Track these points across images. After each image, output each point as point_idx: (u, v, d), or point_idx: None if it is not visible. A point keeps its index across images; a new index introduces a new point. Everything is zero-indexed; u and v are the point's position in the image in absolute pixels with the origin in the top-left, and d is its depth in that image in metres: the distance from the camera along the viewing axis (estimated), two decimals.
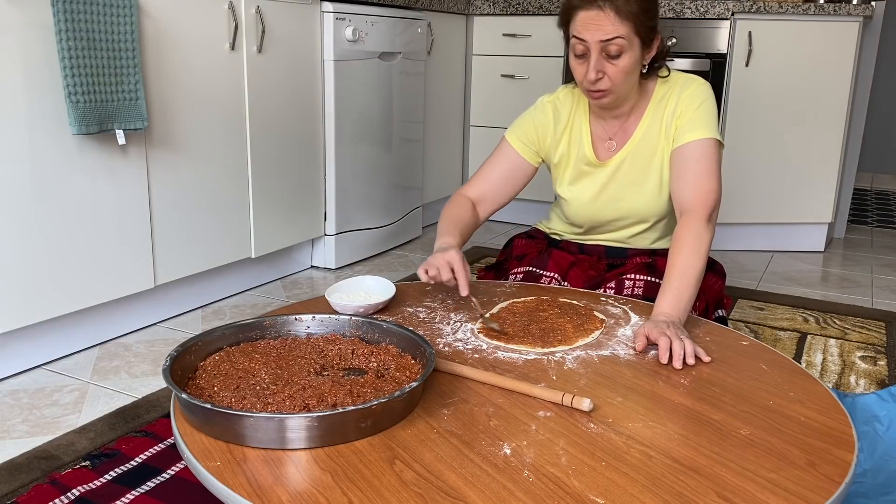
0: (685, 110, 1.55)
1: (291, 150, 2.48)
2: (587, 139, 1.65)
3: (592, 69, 1.46)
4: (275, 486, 0.83)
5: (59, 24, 1.66)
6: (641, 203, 1.65)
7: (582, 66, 1.48)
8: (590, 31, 1.44)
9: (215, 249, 2.24)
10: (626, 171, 1.63)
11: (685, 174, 1.51)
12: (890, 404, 1.49)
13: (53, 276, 1.79)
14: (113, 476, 1.37)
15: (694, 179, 1.49)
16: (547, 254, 1.71)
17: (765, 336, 2.16)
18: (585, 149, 1.65)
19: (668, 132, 1.58)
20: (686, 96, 1.55)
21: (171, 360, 1.01)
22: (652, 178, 1.62)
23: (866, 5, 2.91)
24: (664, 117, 1.58)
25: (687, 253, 1.40)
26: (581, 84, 1.51)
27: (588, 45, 1.45)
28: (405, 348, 1.12)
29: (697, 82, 1.58)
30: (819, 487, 0.85)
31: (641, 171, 1.63)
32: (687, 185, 1.50)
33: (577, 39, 1.46)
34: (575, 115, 1.67)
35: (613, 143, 1.64)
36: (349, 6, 2.57)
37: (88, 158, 1.83)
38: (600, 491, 0.83)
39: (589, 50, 1.46)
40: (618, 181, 1.64)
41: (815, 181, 3.07)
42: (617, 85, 1.49)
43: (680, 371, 1.14)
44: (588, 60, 1.47)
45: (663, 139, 1.59)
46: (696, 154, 1.51)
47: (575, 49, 1.48)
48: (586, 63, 1.47)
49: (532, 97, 3.52)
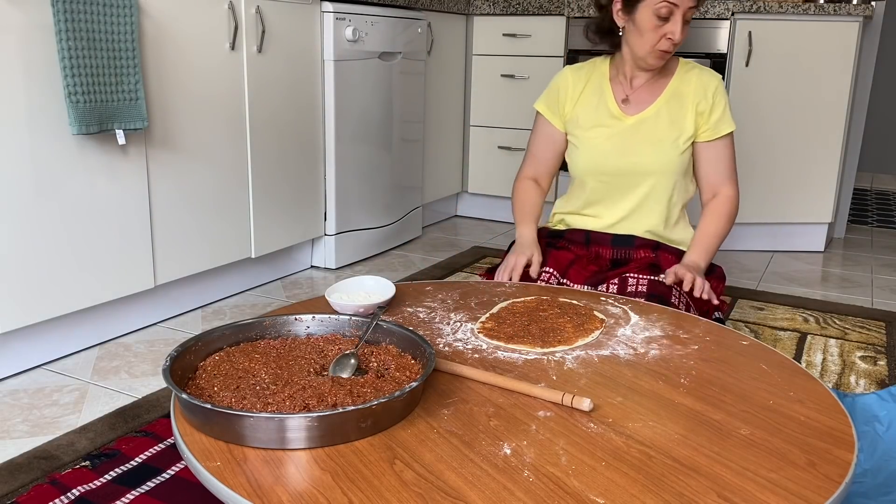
0: (717, 103, 1.74)
1: (291, 150, 2.48)
2: (609, 97, 1.79)
3: (680, 31, 1.63)
4: (275, 486, 0.83)
5: (59, 24, 1.66)
6: (655, 158, 1.74)
7: (660, 28, 1.64)
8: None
9: (215, 249, 2.24)
10: (649, 128, 1.75)
11: (722, 163, 1.77)
12: (890, 404, 1.49)
13: (53, 276, 1.79)
14: (113, 476, 1.37)
15: (728, 167, 1.78)
16: (546, 253, 1.72)
17: (765, 336, 2.16)
18: (610, 105, 1.78)
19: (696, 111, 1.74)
20: (719, 90, 1.75)
21: (171, 360, 1.01)
22: (671, 135, 1.74)
23: (866, 5, 2.91)
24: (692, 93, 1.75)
25: (721, 219, 1.74)
26: (654, 46, 1.66)
27: (676, 8, 1.62)
28: (405, 348, 1.12)
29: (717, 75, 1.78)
30: (819, 487, 0.85)
31: (665, 128, 1.75)
32: (722, 171, 1.77)
33: (668, 3, 1.61)
34: (593, 76, 1.83)
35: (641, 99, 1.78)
36: (349, 6, 2.57)
37: (88, 158, 1.83)
38: (600, 491, 0.83)
39: (674, 13, 1.62)
40: (637, 137, 1.76)
41: (815, 181, 3.07)
42: (677, 47, 1.68)
43: (680, 371, 1.14)
44: (669, 23, 1.63)
45: (690, 112, 1.75)
46: (729, 147, 1.78)
47: (660, 11, 1.62)
48: (668, 24, 1.63)
49: (532, 97, 3.53)
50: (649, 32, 1.65)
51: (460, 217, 3.74)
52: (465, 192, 3.69)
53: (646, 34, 1.66)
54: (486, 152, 3.55)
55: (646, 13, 1.64)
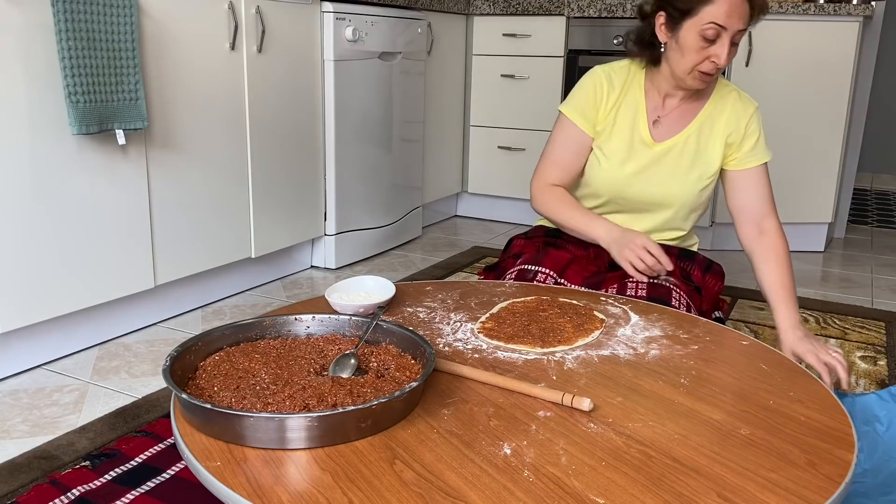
0: (750, 133, 1.68)
1: (291, 150, 2.48)
2: (643, 116, 1.69)
3: (725, 55, 1.52)
4: (275, 486, 0.83)
5: (59, 24, 1.66)
6: (674, 192, 1.70)
7: (704, 50, 1.53)
8: (734, 20, 1.50)
9: (215, 249, 2.24)
10: (673, 159, 1.69)
11: (758, 193, 1.69)
12: (890, 404, 1.49)
13: (53, 275, 1.79)
14: (113, 476, 1.37)
15: (766, 197, 1.69)
16: (543, 252, 1.71)
17: (765, 336, 2.16)
18: (640, 127, 1.69)
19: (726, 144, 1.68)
20: (753, 119, 1.68)
21: (171, 360, 1.01)
22: (696, 170, 1.69)
23: (866, 5, 2.91)
24: (724, 122, 1.67)
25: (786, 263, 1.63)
26: (696, 65, 1.56)
27: (724, 31, 1.51)
28: (405, 348, 1.11)
29: (754, 103, 1.71)
30: (819, 487, 0.85)
31: (689, 161, 1.69)
32: (760, 202, 1.69)
33: (716, 25, 1.50)
34: (630, 87, 1.71)
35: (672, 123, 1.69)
36: (349, 6, 2.57)
37: (88, 158, 1.83)
38: (600, 491, 0.83)
39: (721, 35, 1.51)
40: (660, 167, 1.69)
41: (815, 181, 3.07)
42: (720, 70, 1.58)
43: (680, 371, 1.14)
44: (715, 45, 1.52)
45: (719, 143, 1.68)
46: (764, 176, 1.69)
47: (706, 33, 1.51)
48: (714, 47, 1.52)
49: (532, 97, 3.53)
50: (692, 53, 1.54)
51: (460, 217, 3.74)
52: (465, 192, 3.69)
53: (688, 54, 1.55)
54: (486, 152, 3.55)
55: (691, 33, 1.53)
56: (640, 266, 1.55)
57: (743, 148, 1.68)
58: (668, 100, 1.69)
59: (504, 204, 3.63)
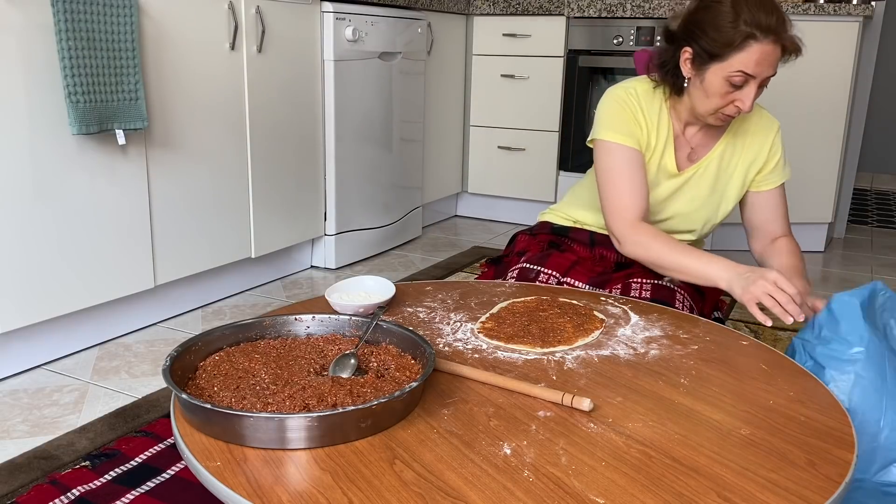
0: (773, 155, 1.65)
1: (291, 150, 2.48)
2: (671, 146, 1.62)
3: (751, 102, 1.45)
4: (275, 486, 0.83)
5: (59, 24, 1.66)
6: (695, 216, 1.68)
7: (729, 94, 1.46)
8: (763, 67, 1.43)
9: (215, 249, 2.24)
10: (692, 188, 1.66)
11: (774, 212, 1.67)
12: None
13: (53, 276, 1.79)
14: (113, 476, 1.37)
15: (783, 216, 1.68)
16: (547, 254, 1.70)
17: (765, 336, 2.16)
18: (668, 158, 1.62)
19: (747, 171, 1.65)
20: (776, 141, 1.65)
21: (171, 360, 1.01)
22: (715, 195, 1.66)
23: (866, 5, 2.91)
24: (747, 146, 1.64)
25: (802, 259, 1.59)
26: (717, 107, 1.49)
27: (752, 79, 1.44)
28: (405, 348, 1.11)
29: (777, 123, 1.67)
30: (819, 487, 0.85)
31: (709, 186, 1.65)
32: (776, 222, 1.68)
33: (744, 74, 1.43)
34: (660, 113, 1.61)
35: (694, 152, 1.64)
36: (349, 6, 2.57)
37: (88, 158, 1.83)
38: (600, 491, 0.83)
39: (747, 83, 1.44)
40: (683, 191, 1.66)
41: (815, 181, 3.07)
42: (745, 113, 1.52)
43: (680, 371, 1.14)
44: (741, 91, 1.45)
45: (740, 166, 1.64)
46: (782, 195, 1.69)
47: (733, 80, 1.44)
48: (739, 91, 1.45)
49: (532, 97, 3.53)
50: (716, 97, 1.47)
51: (460, 217, 3.74)
52: (465, 192, 3.69)
53: (712, 98, 1.48)
54: (486, 152, 3.55)
55: (717, 77, 1.45)
56: (769, 303, 1.33)
57: (765, 170, 1.65)
58: (689, 127, 1.64)
59: (504, 204, 3.63)
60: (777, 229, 1.67)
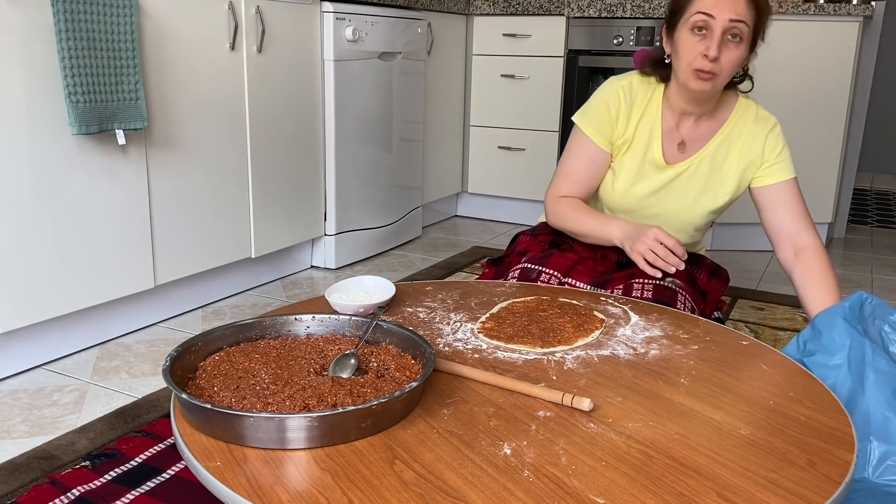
0: (770, 152, 1.63)
1: (291, 150, 2.48)
2: (657, 137, 1.65)
3: (715, 47, 1.46)
4: (275, 486, 0.83)
5: (59, 24, 1.66)
6: (683, 216, 1.67)
7: (699, 43, 1.49)
8: (722, 8, 1.45)
9: (215, 249, 2.24)
10: (685, 180, 1.65)
11: (792, 208, 1.62)
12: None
13: (53, 276, 1.79)
14: (113, 476, 1.37)
15: (799, 213, 1.61)
16: (548, 254, 1.70)
17: (765, 336, 2.16)
18: (654, 150, 1.64)
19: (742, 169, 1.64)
20: (770, 138, 1.64)
21: (171, 360, 1.01)
22: (707, 195, 1.66)
23: (866, 5, 2.91)
24: (741, 145, 1.64)
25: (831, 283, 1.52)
26: (690, 64, 1.51)
27: (714, 22, 1.46)
28: (405, 348, 1.12)
29: (774, 120, 1.66)
30: (819, 487, 0.85)
31: (700, 185, 1.65)
32: (796, 219, 1.61)
33: (704, 14, 1.47)
34: (649, 106, 1.65)
35: (685, 146, 1.65)
36: (349, 6, 2.57)
37: (88, 158, 1.83)
38: (600, 491, 0.83)
39: (711, 27, 1.47)
40: (672, 188, 1.65)
41: (815, 181, 3.07)
42: (724, 73, 1.51)
43: (680, 371, 1.14)
44: (707, 37, 1.48)
45: (735, 165, 1.64)
46: (793, 191, 1.63)
47: (695, 22, 1.48)
48: (705, 40, 1.48)
49: (532, 97, 3.53)
50: (687, 50, 1.50)
51: (460, 217, 3.74)
52: (465, 192, 3.69)
53: (683, 53, 1.51)
54: (486, 152, 3.55)
55: (684, 31, 1.51)
56: (650, 257, 1.48)
57: (766, 163, 1.64)
58: (684, 120, 1.65)
59: (504, 204, 3.63)
60: (793, 228, 1.61)
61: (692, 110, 1.62)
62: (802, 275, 1.56)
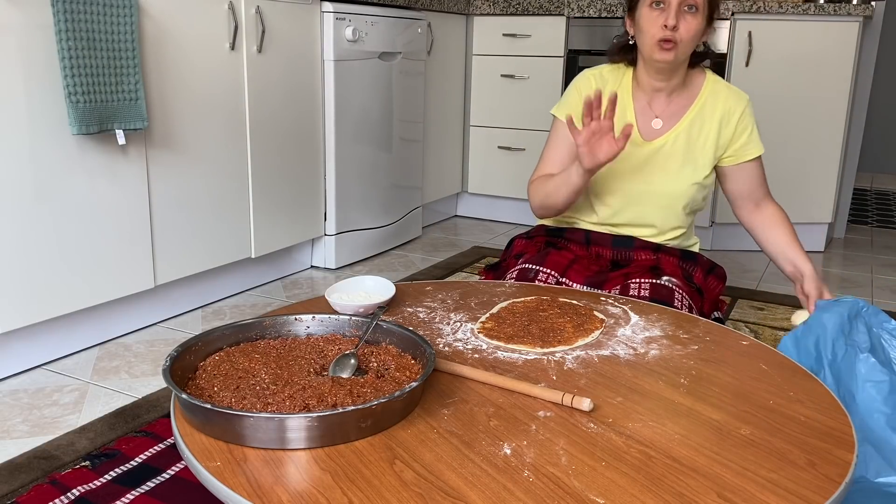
0: (742, 129, 1.72)
1: (291, 149, 2.48)
2: (631, 116, 1.73)
3: (672, 16, 1.58)
4: (275, 486, 0.83)
5: (59, 24, 1.66)
6: (665, 188, 1.72)
7: (659, 16, 1.60)
8: None
9: (215, 249, 2.24)
10: (663, 158, 1.72)
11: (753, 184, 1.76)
12: None
13: (53, 276, 1.79)
14: (113, 476, 1.37)
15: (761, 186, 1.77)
16: (545, 253, 1.71)
17: (765, 336, 2.16)
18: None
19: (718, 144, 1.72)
20: (745, 115, 1.72)
21: (171, 360, 1.01)
22: (688, 166, 1.71)
23: (866, 5, 2.91)
24: (716, 119, 1.72)
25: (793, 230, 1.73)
26: (653, 36, 1.61)
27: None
28: (405, 348, 1.12)
29: (746, 96, 1.75)
30: (819, 487, 0.85)
31: (680, 157, 1.71)
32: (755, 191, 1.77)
33: None
34: (620, 88, 1.75)
35: (660, 122, 1.73)
36: (349, 6, 2.57)
37: (88, 158, 1.83)
38: (600, 491, 0.83)
39: (667, 1, 1.59)
40: (651, 166, 1.72)
41: (815, 181, 3.07)
42: (685, 41, 1.62)
43: (680, 371, 1.14)
44: (666, 10, 1.59)
45: (712, 137, 1.72)
46: (759, 168, 1.76)
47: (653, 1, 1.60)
48: (663, 13, 1.59)
49: (532, 97, 3.53)
50: (648, 25, 1.62)
51: (460, 217, 3.74)
52: (465, 192, 3.69)
53: (645, 29, 1.63)
54: (486, 152, 3.55)
55: (644, 8, 1.63)
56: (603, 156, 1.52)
57: (737, 143, 1.72)
58: (656, 98, 1.73)
59: (504, 204, 3.63)
60: (757, 196, 1.77)
61: (661, 86, 1.71)
62: (765, 221, 1.75)
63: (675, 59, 1.63)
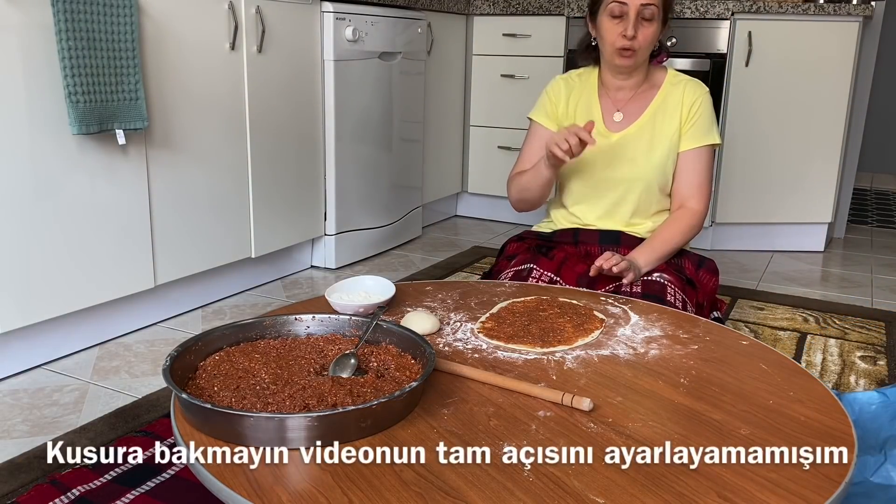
0: (696, 114, 1.78)
1: (291, 150, 2.48)
2: (597, 111, 1.83)
3: (632, 27, 1.68)
4: (275, 486, 0.83)
5: (59, 24, 1.66)
6: (634, 172, 1.77)
7: (618, 26, 1.70)
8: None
9: (215, 249, 2.24)
10: (630, 146, 1.78)
11: (693, 174, 1.79)
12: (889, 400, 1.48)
13: (53, 275, 1.79)
14: (113, 476, 1.37)
15: (699, 182, 1.79)
16: (536, 254, 1.74)
17: (765, 336, 2.16)
18: (595, 119, 1.80)
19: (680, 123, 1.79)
20: (700, 100, 1.79)
21: (171, 360, 1.01)
22: (657, 149, 1.77)
23: (866, 5, 2.91)
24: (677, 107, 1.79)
25: (677, 229, 1.74)
26: (613, 45, 1.72)
27: (627, 8, 1.68)
28: (405, 348, 1.12)
29: (704, 87, 1.82)
30: (819, 487, 0.85)
31: (649, 143, 1.78)
32: (691, 183, 1.79)
33: (618, 2, 1.68)
34: (586, 87, 1.87)
35: (621, 115, 1.81)
36: (349, 6, 2.57)
37: (88, 158, 1.83)
38: (600, 491, 0.83)
39: (626, 12, 1.68)
40: (620, 153, 1.79)
41: (815, 181, 3.07)
42: (643, 48, 1.72)
43: (680, 371, 1.14)
44: (625, 21, 1.69)
45: (675, 123, 1.79)
46: (703, 160, 1.79)
47: (612, 10, 1.69)
48: (623, 23, 1.69)
49: (532, 97, 3.51)
50: (608, 33, 1.72)
51: (460, 217, 3.74)
52: (465, 192, 3.69)
53: (606, 37, 1.73)
54: (486, 152, 3.55)
55: (604, 17, 1.72)
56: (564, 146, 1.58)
57: (690, 128, 1.78)
58: (620, 94, 1.82)
59: (504, 204, 3.63)
60: (688, 191, 1.79)
61: (623, 84, 1.81)
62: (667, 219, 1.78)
63: (634, 64, 1.75)
